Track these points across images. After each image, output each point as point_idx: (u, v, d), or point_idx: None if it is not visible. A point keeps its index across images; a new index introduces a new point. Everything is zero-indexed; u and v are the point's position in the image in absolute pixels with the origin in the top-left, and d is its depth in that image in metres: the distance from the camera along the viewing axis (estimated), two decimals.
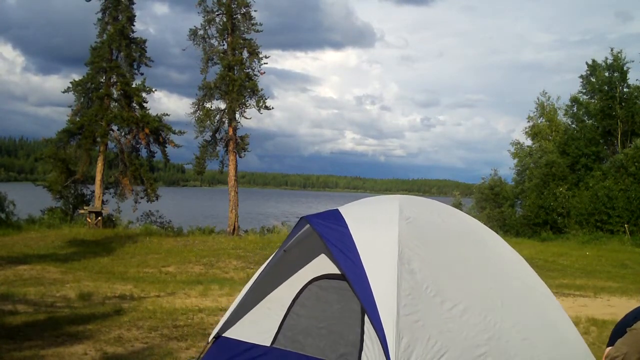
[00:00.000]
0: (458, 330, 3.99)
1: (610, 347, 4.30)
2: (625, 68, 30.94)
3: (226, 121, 26.03)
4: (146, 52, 26.76)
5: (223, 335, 5.15)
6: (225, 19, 25.74)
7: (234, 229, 25.32)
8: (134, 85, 26.32)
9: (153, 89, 26.98)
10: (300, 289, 4.90)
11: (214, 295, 10.94)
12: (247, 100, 25.77)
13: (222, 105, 26.04)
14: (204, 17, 25.74)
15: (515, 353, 4.12)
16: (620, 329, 4.37)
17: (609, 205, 27.34)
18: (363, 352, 4.29)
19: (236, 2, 25.68)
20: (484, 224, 5.49)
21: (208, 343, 5.20)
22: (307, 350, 4.69)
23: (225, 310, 7.22)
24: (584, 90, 32.77)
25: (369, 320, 4.10)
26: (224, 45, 26.06)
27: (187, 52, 28.68)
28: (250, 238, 22.50)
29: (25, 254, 16.63)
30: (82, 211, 26.34)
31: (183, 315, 8.63)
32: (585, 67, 32.42)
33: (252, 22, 25.87)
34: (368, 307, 3.83)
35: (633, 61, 31.15)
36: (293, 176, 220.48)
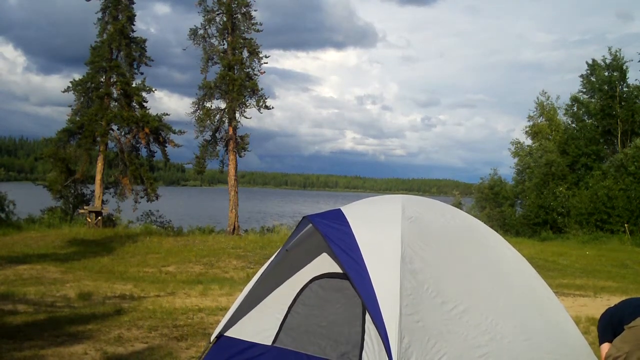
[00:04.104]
0: (458, 331, 3.98)
1: (605, 344, 4.26)
2: (624, 67, 30.94)
3: (226, 121, 26.04)
4: (146, 51, 26.79)
5: (224, 334, 5.14)
6: (225, 19, 25.75)
7: (234, 229, 25.33)
8: (134, 85, 26.32)
9: (153, 89, 27.03)
10: (301, 288, 4.90)
11: (214, 295, 10.93)
12: (247, 100, 25.79)
13: (222, 105, 26.08)
14: (204, 16, 25.77)
15: (517, 353, 4.11)
16: (609, 324, 4.32)
17: (609, 204, 27.32)
18: (364, 351, 4.29)
19: (236, 2, 25.68)
20: (484, 223, 5.48)
21: (210, 343, 5.19)
22: (308, 349, 4.68)
23: (225, 310, 7.22)
24: (584, 90, 32.77)
25: (369, 319, 4.09)
26: (224, 44, 26.09)
27: (188, 52, 28.74)
28: (250, 238, 22.50)
29: (25, 254, 16.62)
30: (82, 211, 26.34)
31: (183, 315, 8.62)
32: (585, 67, 32.46)
33: (252, 21, 25.89)
34: (370, 307, 3.82)
35: (632, 60, 31.16)
36: (293, 176, 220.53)
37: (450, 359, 3.82)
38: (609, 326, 4.32)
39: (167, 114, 26.96)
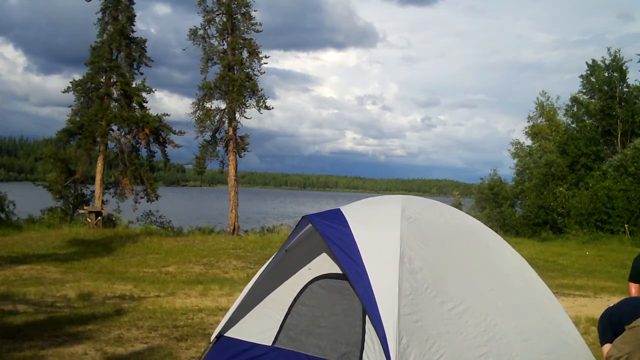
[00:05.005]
0: (457, 331, 3.98)
1: (607, 345, 4.26)
2: (624, 68, 30.94)
3: (226, 121, 26.05)
4: (146, 52, 26.82)
5: (224, 334, 5.14)
6: (225, 19, 25.76)
7: (234, 229, 25.33)
8: (134, 85, 26.33)
9: (153, 89, 27.06)
10: (302, 289, 4.90)
11: (214, 295, 10.93)
12: (247, 100, 25.80)
13: (222, 105, 26.09)
14: (203, 17, 25.78)
15: (516, 354, 4.11)
16: (608, 324, 4.32)
17: (609, 205, 27.31)
18: (364, 352, 4.28)
19: (236, 2, 25.69)
20: (484, 224, 5.48)
21: (210, 343, 5.19)
22: (308, 349, 4.68)
23: (225, 310, 7.22)
24: (584, 90, 32.77)
25: (369, 320, 4.09)
26: (224, 45, 26.10)
27: (188, 52, 28.84)
28: (250, 238, 22.50)
29: (25, 254, 16.62)
30: (82, 211, 26.35)
31: (183, 315, 8.62)
32: (585, 67, 32.45)
33: (252, 22, 25.91)
34: (369, 307, 3.82)
35: (631, 60, 31.14)
36: (293, 176, 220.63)
37: (448, 359, 3.82)
38: (608, 326, 4.32)
39: (167, 115, 27.06)
